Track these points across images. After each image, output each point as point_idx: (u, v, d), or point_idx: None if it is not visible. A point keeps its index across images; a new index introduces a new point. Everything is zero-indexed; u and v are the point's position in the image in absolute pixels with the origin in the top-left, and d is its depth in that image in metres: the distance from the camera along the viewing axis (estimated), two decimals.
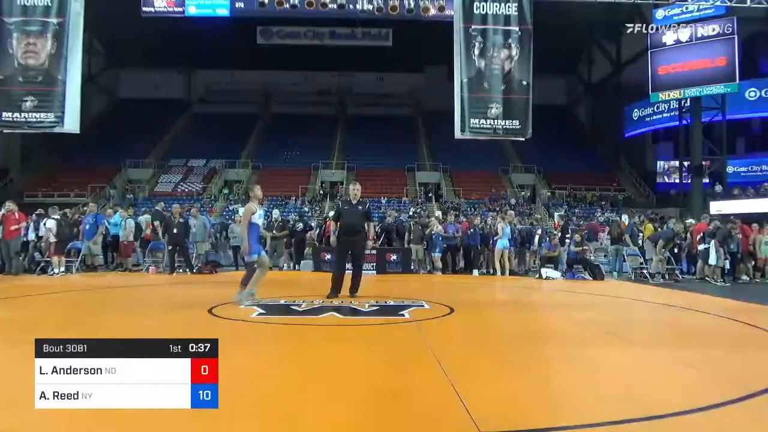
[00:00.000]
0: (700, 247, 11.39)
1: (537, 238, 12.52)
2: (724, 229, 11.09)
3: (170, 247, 11.28)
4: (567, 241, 12.28)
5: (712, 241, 10.87)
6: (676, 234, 12.01)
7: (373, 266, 11.98)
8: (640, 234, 12.93)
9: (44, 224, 11.02)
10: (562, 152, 30.79)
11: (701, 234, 11.52)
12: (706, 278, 11.03)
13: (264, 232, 10.97)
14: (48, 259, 10.78)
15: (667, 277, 11.21)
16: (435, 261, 12.14)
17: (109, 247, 12.29)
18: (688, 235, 12.54)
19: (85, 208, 12.93)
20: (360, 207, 7.23)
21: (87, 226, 11.38)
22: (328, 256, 11.74)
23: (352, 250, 7.26)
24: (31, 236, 11.23)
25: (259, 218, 6.36)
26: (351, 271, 7.34)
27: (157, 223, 11.77)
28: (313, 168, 30.76)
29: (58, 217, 11.11)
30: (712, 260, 10.80)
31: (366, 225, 7.27)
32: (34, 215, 11.62)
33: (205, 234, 12.49)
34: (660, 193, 29.30)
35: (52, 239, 10.63)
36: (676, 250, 12.15)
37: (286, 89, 38.07)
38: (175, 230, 11.20)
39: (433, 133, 32.92)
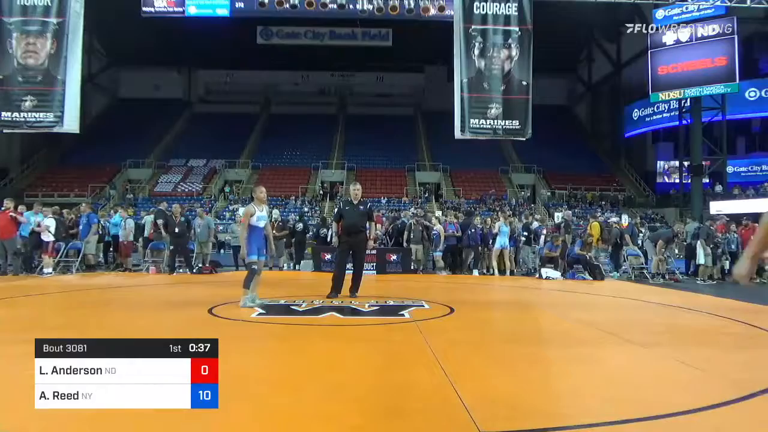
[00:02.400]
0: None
1: (542, 237, 12.50)
2: (705, 227, 11.42)
3: (172, 247, 11.27)
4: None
5: (698, 242, 11.15)
6: (676, 234, 12.04)
7: (373, 266, 11.98)
8: (641, 234, 12.95)
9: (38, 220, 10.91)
10: (562, 152, 30.81)
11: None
12: (698, 277, 11.25)
13: None
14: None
15: (666, 277, 11.24)
16: (436, 261, 12.16)
17: (108, 246, 12.25)
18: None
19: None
20: (361, 207, 7.23)
21: (82, 227, 11.37)
22: (328, 256, 11.74)
23: (353, 250, 7.27)
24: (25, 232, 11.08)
25: (259, 220, 6.12)
26: (351, 271, 7.34)
27: (160, 221, 11.76)
28: (313, 168, 30.76)
29: (55, 216, 11.07)
30: (700, 259, 11.10)
31: (368, 225, 7.27)
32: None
33: (208, 234, 12.47)
34: (660, 193, 29.32)
35: (51, 238, 10.59)
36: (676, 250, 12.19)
37: (286, 89, 38.10)
38: (177, 230, 11.18)
39: (433, 133, 32.94)
